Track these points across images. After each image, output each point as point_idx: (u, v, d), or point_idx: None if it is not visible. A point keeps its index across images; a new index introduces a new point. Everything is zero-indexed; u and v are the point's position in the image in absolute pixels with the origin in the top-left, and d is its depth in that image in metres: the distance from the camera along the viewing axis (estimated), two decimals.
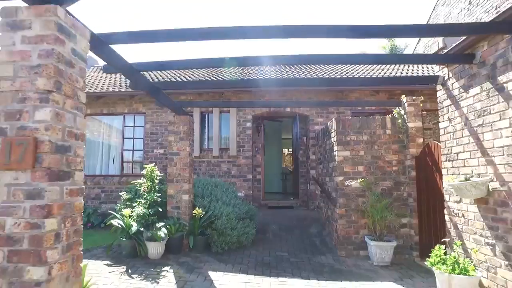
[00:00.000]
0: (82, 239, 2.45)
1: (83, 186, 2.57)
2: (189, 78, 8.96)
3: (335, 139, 6.27)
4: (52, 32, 2.17)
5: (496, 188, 3.52)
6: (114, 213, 5.58)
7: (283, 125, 11.89)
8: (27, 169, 2.08)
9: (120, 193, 6.12)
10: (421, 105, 6.02)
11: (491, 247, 3.60)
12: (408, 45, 21.79)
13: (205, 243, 5.67)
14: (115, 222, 5.33)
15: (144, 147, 8.52)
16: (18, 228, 2.05)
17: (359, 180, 5.90)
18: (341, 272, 4.91)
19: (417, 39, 14.18)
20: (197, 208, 5.56)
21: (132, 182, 6.20)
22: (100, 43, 3.13)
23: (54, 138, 2.15)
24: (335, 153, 6.23)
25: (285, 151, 15.96)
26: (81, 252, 2.43)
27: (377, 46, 22.29)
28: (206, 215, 5.71)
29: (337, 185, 6.07)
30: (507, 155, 3.36)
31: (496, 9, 8.70)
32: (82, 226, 2.51)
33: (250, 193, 8.37)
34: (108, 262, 5.04)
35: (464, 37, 3.92)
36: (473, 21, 9.30)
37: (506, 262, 3.37)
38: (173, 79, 8.68)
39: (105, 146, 8.90)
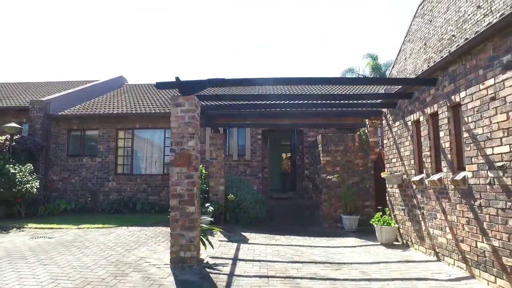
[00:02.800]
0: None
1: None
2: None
3: (321, 148, 9.20)
4: (193, 108, 5.06)
5: (405, 178, 6.47)
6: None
7: (282, 135, 14.86)
8: (186, 166, 4.94)
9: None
10: (378, 126, 8.97)
11: (403, 211, 6.55)
12: (390, 62, 24.83)
13: (235, 218, 8.52)
14: None
15: None
16: (182, 191, 4.91)
17: (336, 176, 8.82)
18: (324, 234, 7.81)
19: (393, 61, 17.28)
20: (230, 195, 8.43)
21: None
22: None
23: (194, 153, 5.03)
24: (321, 158, 9.16)
25: (284, 155, 18.89)
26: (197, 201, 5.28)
27: (364, 63, 25.29)
28: (236, 200, 8.58)
29: (322, 179, 8.99)
30: (408, 160, 6.31)
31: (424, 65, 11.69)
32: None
33: (260, 187, 11.24)
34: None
35: (393, 91, 6.88)
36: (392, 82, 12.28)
37: (408, 218, 6.31)
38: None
39: (149, 153, 11.76)
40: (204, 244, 5.40)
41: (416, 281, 4.33)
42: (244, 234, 7.45)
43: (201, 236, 5.29)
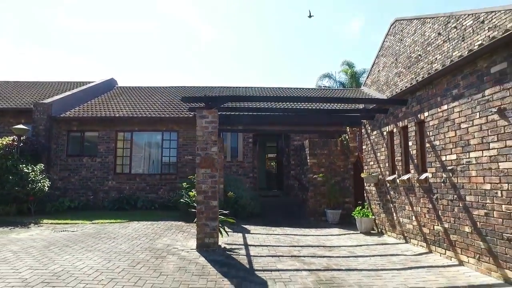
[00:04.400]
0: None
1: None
2: None
3: (308, 152, 10.53)
4: (215, 119, 6.16)
5: (380, 178, 7.88)
6: (183, 196, 9.42)
7: (267, 138, 16.13)
8: (210, 168, 6.04)
9: (181, 183, 9.94)
10: (357, 132, 10.41)
11: (378, 205, 7.97)
12: (366, 70, 26.56)
13: (234, 213, 9.62)
14: (183, 200, 9.19)
15: (177, 154, 12.35)
16: (207, 188, 6.00)
17: (320, 175, 10.17)
18: (311, 226, 9.11)
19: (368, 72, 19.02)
20: (230, 192, 9.54)
21: (189, 176, 10.05)
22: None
23: (217, 157, 6.14)
24: (308, 160, 10.48)
25: (267, 155, 20.17)
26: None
27: (342, 69, 26.98)
28: (234, 197, 9.70)
29: (309, 179, 10.32)
30: (384, 163, 7.73)
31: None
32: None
33: (251, 186, 12.42)
34: (185, 223, 8.79)
35: (373, 105, 8.28)
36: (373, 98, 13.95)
37: (382, 210, 7.73)
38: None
39: (147, 153, 12.62)
40: (221, 233, 6.51)
41: (390, 256, 5.70)
42: (244, 226, 8.60)
43: (219, 226, 6.40)
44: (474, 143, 4.80)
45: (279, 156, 14.79)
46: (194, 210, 8.57)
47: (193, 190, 9.35)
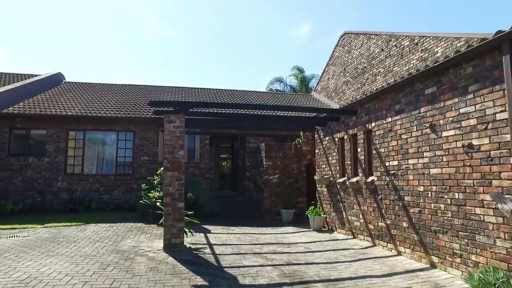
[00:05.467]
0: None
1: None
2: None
3: (264, 154, 11.09)
4: (182, 124, 6.41)
5: (331, 180, 8.68)
6: (142, 197, 9.42)
7: (222, 139, 16.46)
8: (177, 171, 6.28)
9: (139, 184, 9.90)
10: (310, 137, 11.20)
11: (329, 205, 8.76)
12: (315, 75, 27.93)
13: (193, 214, 9.84)
14: (142, 201, 9.21)
15: (133, 155, 12.18)
16: (174, 190, 6.22)
17: (276, 176, 10.79)
18: (267, 224, 9.67)
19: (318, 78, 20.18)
20: (189, 193, 9.74)
21: (148, 178, 10.03)
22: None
23: (183, 161, 6.38)
24: (264, 162, 11.04)
25: (222, 156, 20.47)
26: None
27: (291, 75, 28.17)
28: (193, 198, 9.92)
29: (265, 180, 10.89)
30: (335, 167, 8.53)
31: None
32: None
33: (207, 186, 12.67)
34: (145, 224, 8.82)
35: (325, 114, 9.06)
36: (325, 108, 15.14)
37: (333, 209, 8.53)
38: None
39: (101, 153, 12.26)
40: (186, 233, 6.76)
41: (342, 250, 6.43)
42: (204, 226, 8.89)
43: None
44: (411, 152, 5.66)
45: (234, 158, 15.25)
46: (154, 211, 8.72)
47: (152, 191, 9.44)
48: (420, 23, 51.19)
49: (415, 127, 5.61)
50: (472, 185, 4.48)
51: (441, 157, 5.02)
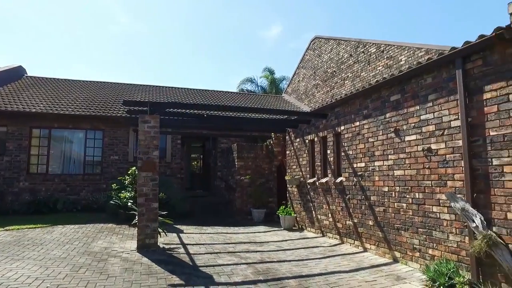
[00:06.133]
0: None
1: None
2: None
3: (236, 155, 11.24)
4: (157, 124, 6.43)
5: (302, 180, 8.99)
6: (113, 197, 9.24)
7: (193, 139, 16.40)
8: (151, 171, 6.28)
9: (110, 184, 9.70)
10: (281, 139, 11.49)
11: (300, 204, 9.07)
12: (285, 77, 28.27)
13: (166, 214, 9.82)
14: (112, 202, 9.05)
15: (102, 154, 11.88)
16: (148, 190, 6.23)
17: (247, 177, 10.98)
18: (239, 224, 9.83)
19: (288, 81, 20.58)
20: (161, 193, 9.67)
21: (118, 178, 9.85)
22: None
23: (157, 161, 6.40)
24: (236, 163, 11.20)
25: (193, 155, 20.36)
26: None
27: (262, 76, 28.43)
28: (165, 198, 9.87)
29: (236, 180, 11.04)
30: (305, 167, 8.84)
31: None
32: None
33: (179, 186, 12.62)
34: (116, 225, 8.67)
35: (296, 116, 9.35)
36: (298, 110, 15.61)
37: (303, 209, 8.85)
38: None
39: (68, 152, 11.84)
40: (159, 234, 6.77)
41: (312, 248, 6.73)
42: (176, 226, 8.90)
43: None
44: (377, 154, 6.05)
45: (205, 158, 15.26)
46: (126, 211, 8.62)
47: (123, 191, 9.31)
48: (387, 30, 53.45)
49: (381, 131, 5.99)
50: (430, 185, 4.89)
51: (404, 159, 5.42)
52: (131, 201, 8.83)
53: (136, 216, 6.37)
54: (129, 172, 9.61)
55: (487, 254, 3.78)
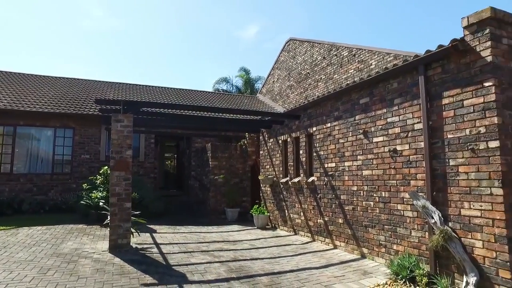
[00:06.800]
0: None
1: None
2: None
3: (210, 154, 11.27)
4: (130, 124, 6.36)
5: (275, 180, 9.16)
6: (84, 197, 9.01)
7: (168, 138, 16.24)
8: (124, 171, 6.22)
9: (81, 184, 9.44)
10: (255, 139, 11.62)
11: (273, 204, 9.24)
12: (260, 77, 28.44)
13: (139, 214, 9.70)
14: (83, 202, 8.84)
15: (72, 153, 11.52)
16: (121, 190, 6.17)
17: (221, 176, 11.04)
18: (213, 223, 9.87)
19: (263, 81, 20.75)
20: (134, 193, 9.54)
21: (90, 177, 9.60)
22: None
23: (131, 160, 6.35)
24: (210, 162, 11.22)
25: (166, 155, 20.12)
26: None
27: (237, 76, 28.51)
28: (138, 197, 9.75)
29: (210, 180, 11.07)
30: (278, 167, 9.02)
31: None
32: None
33: (152, 186, 12.47)
34: (87, 225, 8.47)
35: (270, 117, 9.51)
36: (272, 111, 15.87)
37: (276, 208, 9.03)
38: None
39: (35, 151, 11.39)
40: (132, 234, 6.71)
41: (284, 246, 6.90)
42: (149, 226, 8.82)
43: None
44: (347, 155, 6.30)
45: (179, 157, 15.17)
46: (97, 211, 8.44)
47: (95, 191, 9.12)
48: (363, 34, 54.93)
49: (350, 132, 6.25)
50: (395, 185, 5.17)
51: (372, 160, 5.69)
52: (103, 201, 8.66)
53: (108, 216, 6.28)
54: (101, 172, 9.42)
55: (443, 247, 4.08)
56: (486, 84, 3.85)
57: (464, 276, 3.85)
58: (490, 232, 3.76)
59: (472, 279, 3.72)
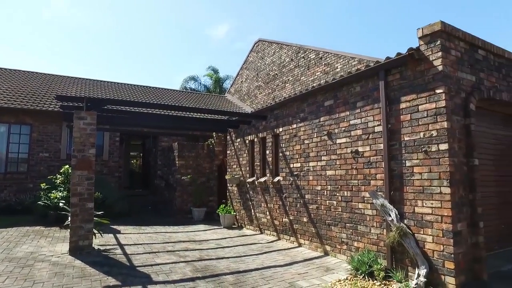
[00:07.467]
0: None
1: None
2: None
3: (177, 154, 11.14)
4: (94, 121, 6.17)
5: (242, 179, 9.23)
6: (42, 198, 8.57)
7: (133, 136, 15.81)
8: (87, 170, 6.02)
9: (41, 185, 8.94)
10: (222, 138, 11.63)
11: (239, 203, 9.31)
12: (229, 76, 28.30)
13: (102, 214, 9.38)
14: (41, 202, 8.43)
15: (30, 151, 10.90)
16: (83, 190, 5.96)
17: (188, 176, 10.95)
18: (179, 223, 9.78)
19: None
20: (96, 192, 9.22)
21: (49, 177, 9.15)
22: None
23: (94, 159, 6.16)
24: (177, 161, 11.09)
25: (132, 153, 19.55)
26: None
27: (207, 74, 28.25)
28: (101, 197, 9.43)
29: (177, 179, 10.95)
30: (245, 167, 9.10)
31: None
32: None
33: (116, 185, 12.10)
34: (45, 227, 8.05)
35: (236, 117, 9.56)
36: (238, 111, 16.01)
37: (243, 207, 9.10)
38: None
39: None
40: (94, 235, 6.50)
41: (250, 245, 6.99)
42: (113, 227, 8.58)
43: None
44: (312, 155, 6.50)
45: (145, 156, 14.81)
46: (57, 212, 8.08)
47: (54, 191, 8.74)
48: (326, 37, 56.31)
49: (315, 134, 6.45)
50: (357, 184, 5.42)
51: (335, 160, 5.91)
52: (63, 201, 8.31)
53: (69, 217, 6.06)
54: (61, 171, 9.04)
55: (399, 243, 4.35)
56: (438, 91, 4.16)
57: (416, 269, 4.14)
58: (439, 227, 4.06)
59: (423, 271, 4.00)
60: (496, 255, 5.13)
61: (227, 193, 10.09)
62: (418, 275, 4.02)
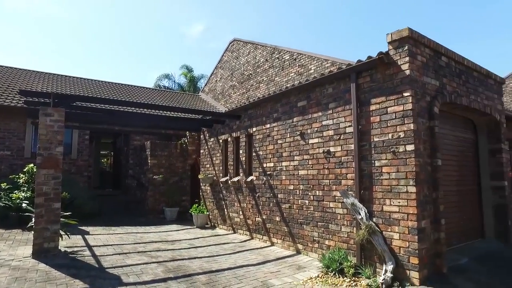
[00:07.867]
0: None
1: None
2: None
3: (149, 153, 10.92)
4: (62, 118, 5.94)
5: (215, 179, 9.19)
6: (2, 198, 8.12)
7: (104, 134, 15.32)
8: (54, 168, 5.78)
9: (2, 184, 8.46)
10: (196, 137, 11.51)
11: (212, 203, 9.26)
12: (204, 75, 28.03)
13: (71, 215, 9.02)
14: (1, 203, 7.99)
15: None
16: (49, 190, 5.72)
17: (160, 176, 10.76)
18: (151, 223, 9.59)
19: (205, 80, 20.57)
20: (64, 193, 8.85)
21: (10, 176, 8.67)
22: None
23: (61, 158, 5.93)
24: (149, 161, 10.87)
25: (102, 152, 18.94)
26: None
27: (181, 72, 27.87)
28: (69, 197, 9.07)
29: (149, 179, 10.73)
30: (218, 166, 9.07)
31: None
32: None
33: (86, 185, 11.67)
34: (5, 230, 7.64)
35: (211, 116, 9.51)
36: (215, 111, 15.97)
37: (216, 207, 9.06)
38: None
39: None
40: (61, 236, 6.25)
41: (223, 245, 6.97)
42: (82, 228, 8.28)
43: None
44: (285, 155, 6.58)
45: (116, 155, 14.39)
46: (19, 214, 7.72)
47: (16, 191, 8.34)
48: (301, 38, 57.06)
49: (288, 134, 6.54)
50: (328, 184, 5.55)
51: (307, 160, 6.02)
52: (27, 202, 7.94)
53: (33, 219, 5.79)
54: (24, 170, 8.62)
55: (368, 241, 4.50)
56: (405, 94, 4.34)
57: (384, 265, 4.30)
58: (405, 225, 4.25)
59: (390, 267, 4.17)
60: (454, 250, 5.42)
61: (200, 193, 10.01)
62: (386, 271, 4.18)
